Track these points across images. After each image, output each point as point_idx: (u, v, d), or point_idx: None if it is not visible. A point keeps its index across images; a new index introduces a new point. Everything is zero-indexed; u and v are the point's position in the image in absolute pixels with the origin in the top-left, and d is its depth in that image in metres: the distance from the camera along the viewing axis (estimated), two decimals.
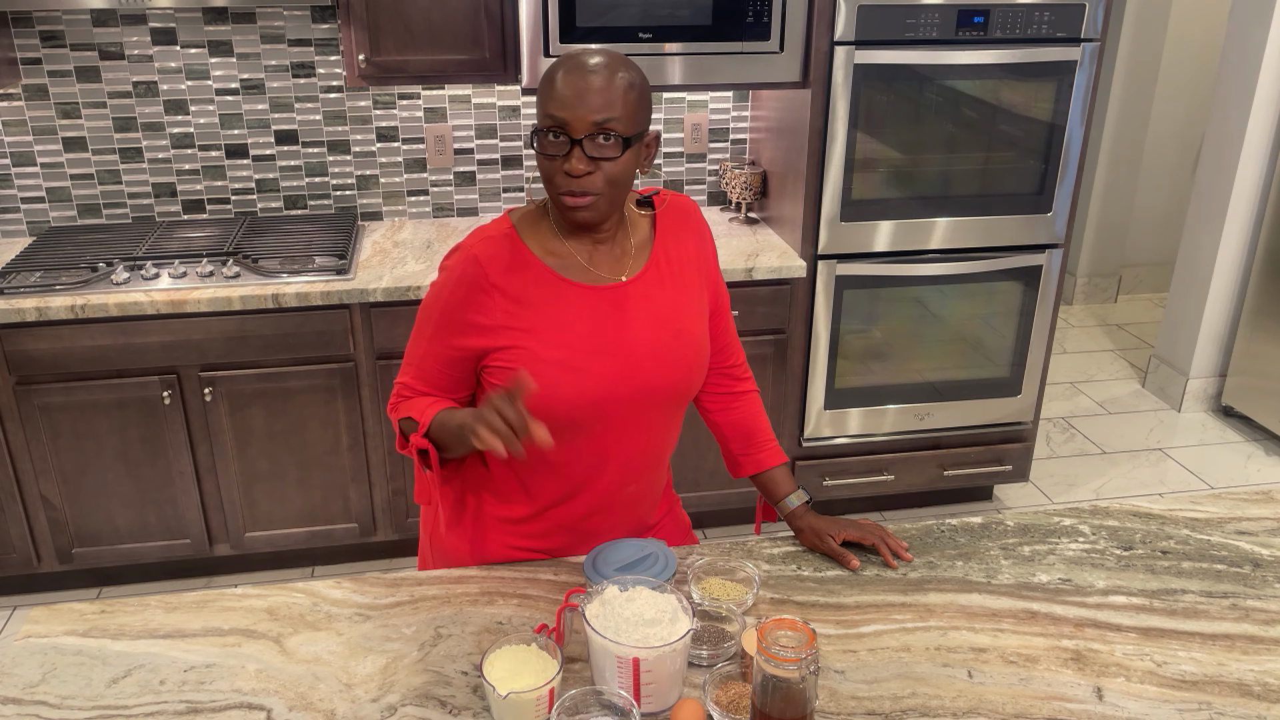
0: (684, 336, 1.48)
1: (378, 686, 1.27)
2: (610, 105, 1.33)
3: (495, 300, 1.41)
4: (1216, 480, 3.54)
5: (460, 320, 1.42)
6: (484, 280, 1.41)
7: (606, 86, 1.33)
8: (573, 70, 1.34)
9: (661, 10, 2.62)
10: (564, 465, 1.49)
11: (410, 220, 3.23)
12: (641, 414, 1.47)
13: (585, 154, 1.34)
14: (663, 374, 1.46)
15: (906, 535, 1.60)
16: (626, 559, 1.38)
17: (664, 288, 1.49)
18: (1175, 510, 1.67)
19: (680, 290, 1.50)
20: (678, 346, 1.47)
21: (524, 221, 1.46)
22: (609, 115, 1.33)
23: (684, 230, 1.54)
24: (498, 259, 1.42)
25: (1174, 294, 4.04)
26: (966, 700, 1.25)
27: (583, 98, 1.32)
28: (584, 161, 1.34)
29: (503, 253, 1.42)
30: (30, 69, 2.89)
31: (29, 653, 1.34)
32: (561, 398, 1.41)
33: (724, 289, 1.62)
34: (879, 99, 2.76)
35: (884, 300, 2.97)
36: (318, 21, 2.96)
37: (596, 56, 1.36)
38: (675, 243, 1.52)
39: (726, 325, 1.63)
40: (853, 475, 3.17)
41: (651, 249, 1.50)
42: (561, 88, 1.33)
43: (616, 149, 1.35)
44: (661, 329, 1.46)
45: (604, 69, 1.34)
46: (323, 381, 2.74)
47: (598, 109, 1.33)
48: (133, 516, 2.81)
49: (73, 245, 2.87)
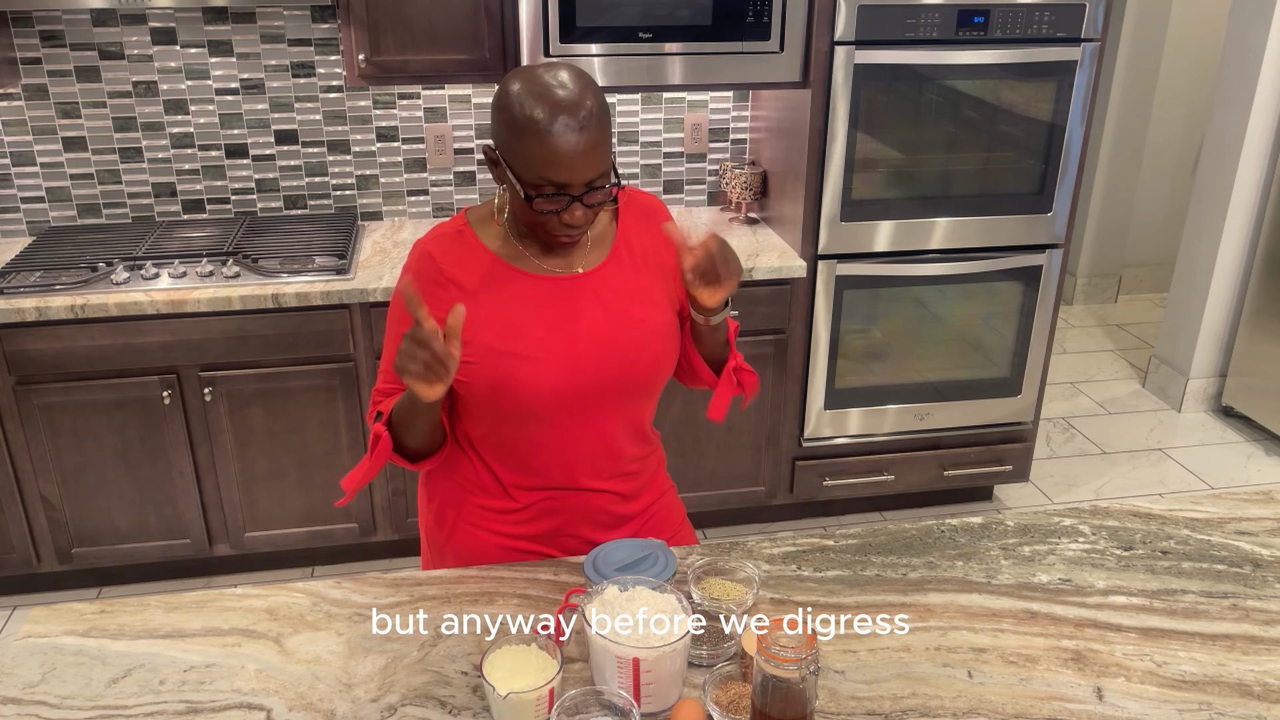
0: (647, 325, 1.48)
1: (378, 686, 1.27)
2: (603, 157, 1.33)
3: (450, 293, 1.43)
4: (1216, 480, 3.54)
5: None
6: (438, 275, 1.43)
7: (596, 138, 1.31)
8: (562, 126, 1.29)
9: (661, 10, 2.62)
10: (532, 457, 1.49)
11: (410, 220, 3.22)
12: (605, 402, 1.47)
13: (584, 205, 1.35)
14: (624, 363, 1.46)
15: (906, 535, 1.60)
16: (626, 559, 1.38)
17: (625, 278, 1.49)
18: (1175, 510, 1.67)
19: (643, 281, 1.50)
20: (640, 335, 1.47)
21: (477, 217, 1.48)
22: (603, 169, 1.34)
23: (649, 224, 1.54)
24: (450, 253, 1.44)
25: (1174, 294, 4.03)
26: (966, 700, 1.25)
27: (581, 160, 1.31)
28: (584, 213, 1.36)
29: (455, 247, 1.45)
30: (30, 69, 2.89)
31: (29, 653, 1.34)
32: (519, 389, 1.42)
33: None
34: (879, 99, 2.76)
35: (884, 300, 2.97)
36: (318, 21, 2.96)
37: (564, 91, 1.30)
38: (638, 235, 1.52)
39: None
40: (853, 475, 3.17)
41: (614, 241, 1.51)
42: (557, 150, 1.29)
43: (609, 190, 1.36)
44: (622, 318, 1.47)
45: (584, 115, 1.30)
46: (323, 381, 2.74)
47: (595, 166, 1.32)
48: (132, 516, 2.81)
49: (73, 245, 2.87)
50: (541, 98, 1.30)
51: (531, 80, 1.32)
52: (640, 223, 1.53)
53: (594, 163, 1.32)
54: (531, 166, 1.32)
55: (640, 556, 1.38)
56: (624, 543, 1.41)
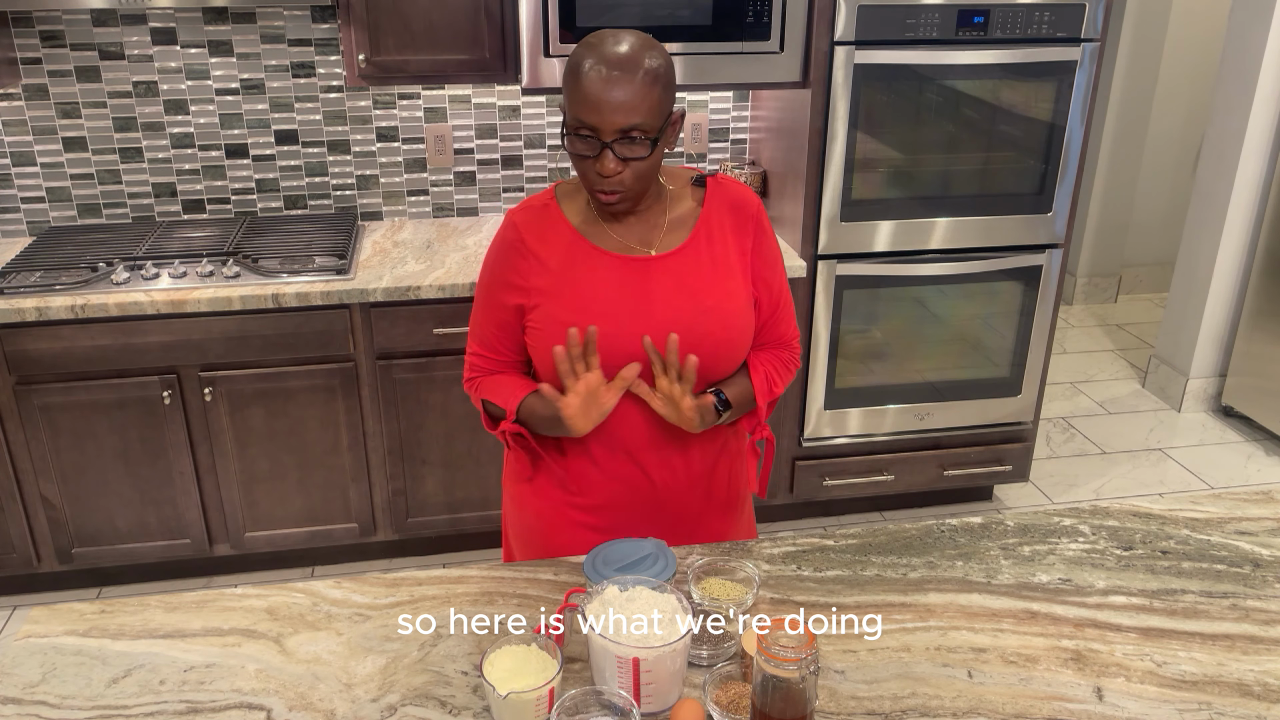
0: (713, 314, 1.49)
1: (378, 686, 1.27)
2: (636, 109, 1.35)
3: (529, 263, 1.50)
4: (1216, 480, 3.54)
5: (501, 281, 1.52)
6: (520, 244, 1.50)
7: (632, 89, 1.34)
8: (597, 70, 1.34)
9: (661, 10, 2.62)
10: (596, 431, 1.52)
11: (410, 220, 3.23)
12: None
13: (615, 155, 1.37)
14: (691, 347, 1.47)
15: (906, 535, 1.60)
16: (626, 559, 1.38)
17: (700, 265, 1.50)
18: (1175, 510, 1.67)
19: (719, 269, 1.51)
20: (704, 323, 1.49)
21: (565, 191, 1.54)
22: (636, 121, 1.35)
23: (736, 215, 1.54)
24: (533, 225, 1.51)
25: (1174, 294, 4.03)
26: (966, 700, 1.25)
27: (610, 103, 1.34)
28: (614, 162, 1.38)
29: (539, 219, 1.52)
30: (30, 69, 2.89)
31: (29, 653, 1.34)
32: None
33: (779, 283, 1.59)
34: (879, 99, 2.76)
35: (884, 300, 2.97)
36: (318, 21, 2.96)
37: (620, 46, 1.35)
38: (719, 223, 1.53)
39: (778, 315, 1.62)
40: (853, 475, 3.17)
41: (695, 226, 1.52)
42: (588, 90, 1.34)
43: (645, 149, 1.38)
44: (688, 304, 1.48)
45: (628, 67, 1.34)
46: (323, 381, 2.74)
47: (625, 114, 1.34)
48: (132, 516, 2.81)
49: (73, 245, 2.87)
50: (594, 48, 1.36)
51: (598, 35, 1.39)
52: (726, 212, 1.54)
53: (627, 110, 1.34)
54: (571, 104, 1.37)
55: (640, 556, 1.38)
56: (624, 543, 1.41)
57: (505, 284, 1.52)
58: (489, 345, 1.57)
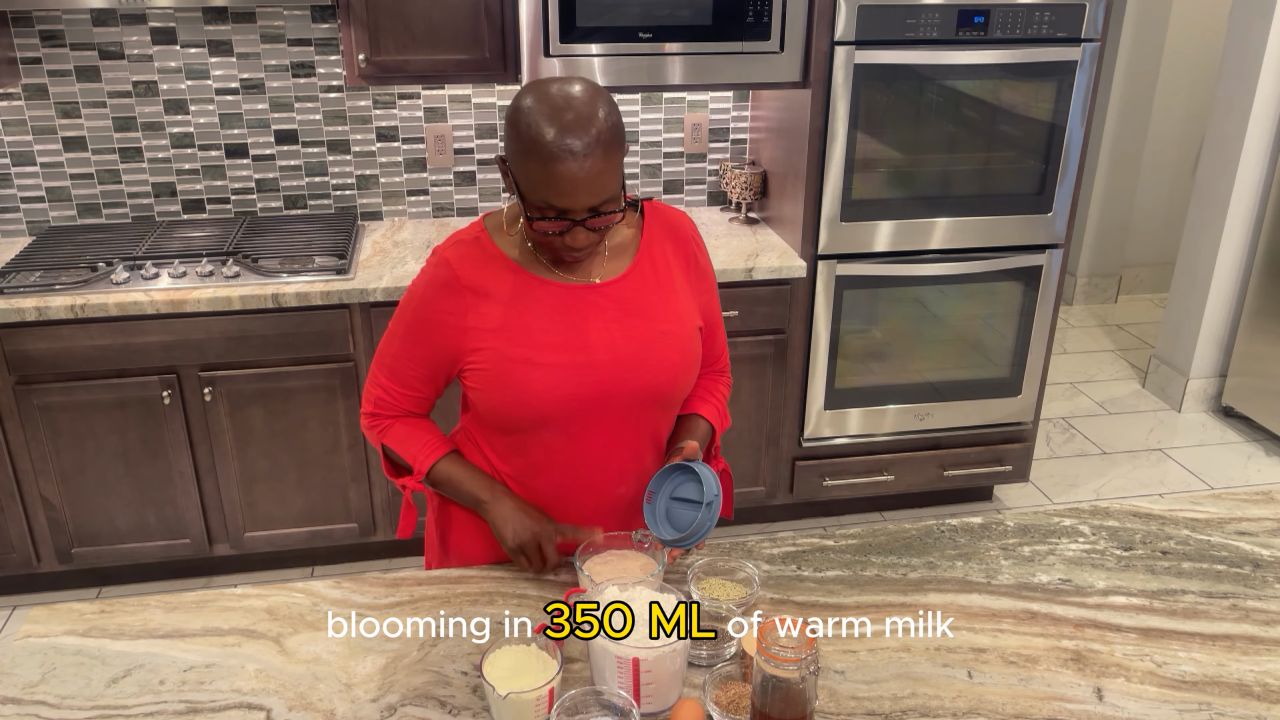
0: (669, 339, 1.47)
1: (378, 686, 1.27)
2: (608, 183, 1.30)
3: (465, 300, 1.43)
4: (1216, 480, 3.54)
5: (431, 321, 1.45)
6: (455, 283, 1.43)
7: (601, 162, 1.27)
8: (563, 147, 1.25)
9: (661, 10, 2.62)
10: (547, 466, 1.49)
11: (410, 220, 3.23)
12: (618, 412, 1.46)
13: (588, 229, 1.33)
14: (639, 374, 1.45)
15: (906, 535, 1.60)
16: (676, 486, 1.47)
17: (645, 291, 1.47)
18: (1175, 510, 1.67)
19: (665, 294, 1.49)
20: (660, 348, 1.46)
21: (495, 224, 1.47)
22: (608, 194, 1.31)
23: (675, 239, 1.52)
24: (467, 259, 1.44)
25: (1174, 294, 4.03)
26: (966, 700, 1.25)
27: (585, 186, 1.28)
28: (587, 235, 1.34)
29: (473, 255, 1.44)
30: (30, 69, 2.89)
31: (29, 653, 1.34)
32: (530, 395, 1.41)
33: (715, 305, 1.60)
34: (879, 99, 2.76)
35: (884, 300, 2.97)
36: (318, 21, 2.96)
37: (577, 126, 1.25)
38: (661, 249, 1.50)
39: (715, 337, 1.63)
40: (853, 475, 3.17)
41: (636, 253, 1.49)
42: (558, 175, 1.26)
43: (616, 206, 1.34)
44: (642, 330, 1.45)
45: (594, 146, 1.26)
46: (323, 381, 2.74)
47: (598, 193, 1.29)
48: (132, 516, 2.81)
49: (72, 245, 2.87)
50: (550, 118, 1.26)
51: (543, 98, 1.28)
52: (665, 237, 1.51)
53: (598, 190, 1.29)
54: (535, 188, 1.30)
55: (683, 480, 1.45)
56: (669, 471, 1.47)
57: (438, 324, 1.43)
58: (403, 381, 1.49)
